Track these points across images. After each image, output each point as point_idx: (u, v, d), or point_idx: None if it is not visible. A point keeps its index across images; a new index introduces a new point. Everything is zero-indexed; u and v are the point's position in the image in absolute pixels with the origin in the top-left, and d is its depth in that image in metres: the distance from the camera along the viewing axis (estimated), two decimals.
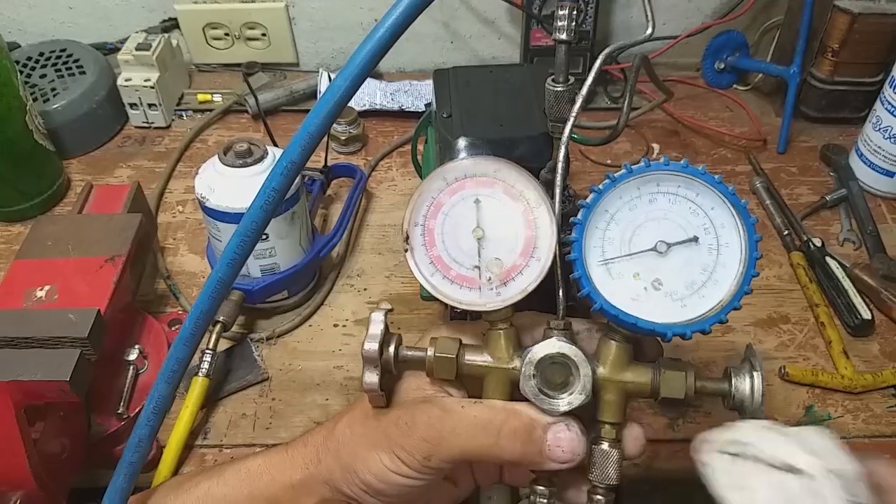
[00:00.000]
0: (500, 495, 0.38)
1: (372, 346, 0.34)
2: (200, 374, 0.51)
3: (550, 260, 0.33)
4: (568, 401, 0.32)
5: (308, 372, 0.56)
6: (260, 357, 0.56)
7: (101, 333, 0.45)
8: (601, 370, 0.34)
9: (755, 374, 0.33)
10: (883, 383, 0.54)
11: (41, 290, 0.49)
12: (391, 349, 0.35)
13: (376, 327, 0.34)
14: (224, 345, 0.57)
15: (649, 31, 0.37)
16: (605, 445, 0.34)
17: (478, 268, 0.34)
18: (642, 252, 0.33)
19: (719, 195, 0.32)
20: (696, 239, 0.33)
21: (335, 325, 0.60)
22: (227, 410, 0.54)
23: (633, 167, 0.33)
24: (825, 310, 0.59)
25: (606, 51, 0.36)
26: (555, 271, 0.34)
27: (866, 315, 0.58)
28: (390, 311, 0.36)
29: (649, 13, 0.37)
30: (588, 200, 0.33)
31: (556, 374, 0.33)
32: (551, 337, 0.33)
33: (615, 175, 0.33)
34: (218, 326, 0.53)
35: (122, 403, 0.50)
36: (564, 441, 0.32)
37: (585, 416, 0.34)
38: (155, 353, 0.54)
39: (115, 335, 0.51)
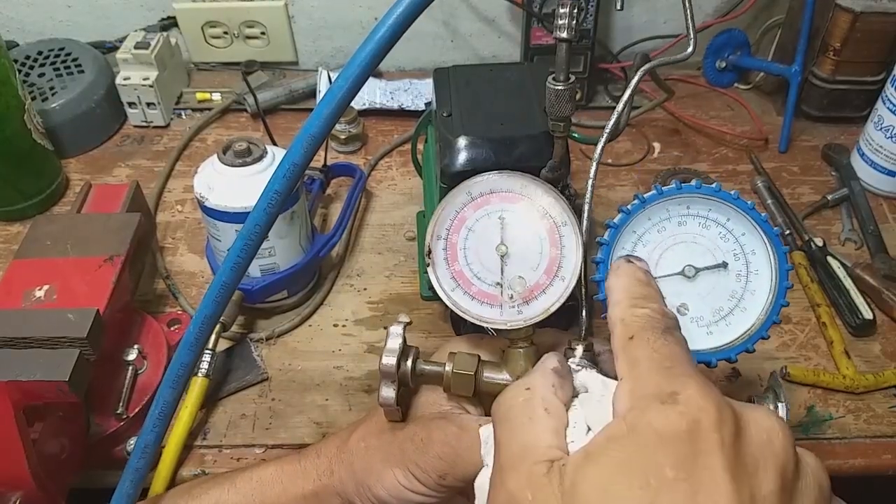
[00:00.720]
0: None
1: (390, 360, 0.33)
2: (200, 373, 0.51)
3: (575, 280, 0.32)
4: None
5: (308, 372, 0.56)
6: (259, 357, 0.56)
7: (99, 333, 0.45)
8: None
9: (780, 405, 0.32)
10: (884, 383, 0.54)
11: (40, 289, 0.49)
12: (409, 363, 0.34)
13: (394, 341, 0.34)
14: (224, 345, 0.57)
15: (690, 49, 0.36)
16: None
17: (500, 285, 0.33)
18: (669, 275, 0.32)
19: (751, 221, 0.32)
20: (725, 264, 0.32)
21: (335, 325, 0.59)
22: (227, 411, 0.53)
23: (663, 189, 0.32)
24: (827, 310, 0.59)
25: (646, 66, 0.35)
26: (579, 291, 0.33)
27: (868, 315, 0.57)
28: (409, 324, 0.35)
29: (692, 32, 0.36)
30: (616, 220, 0.32)
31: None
32: (572, 358, 0.32)
33: (645, 196, 0.32)
34: (217, 326, 0.53)
35: (121, 403, 0.50)
36: None
37: None
38: (154, 354, 0.53)
39: (113, 335, 0.51)
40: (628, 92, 0.35)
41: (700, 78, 0.83)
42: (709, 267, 0.32)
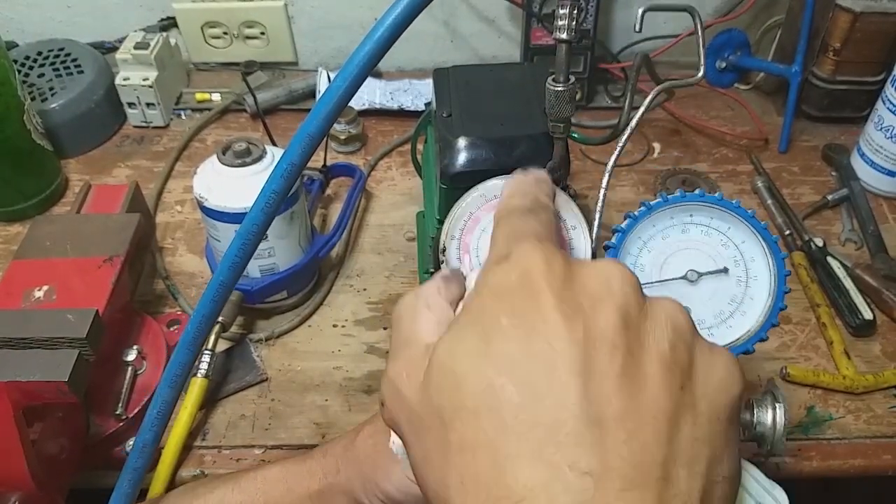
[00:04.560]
0: None
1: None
2: (199, 374, 0.51)
3: None
4: None
5: (307, 372, 0.56)
6: (259, 358, 0.56)
7: (99, 334, 0.45)
8: None
9: (778, 406, 0.33)
10: (884, 384, 0.54)
11: (39, 290, 0.49)
12: None
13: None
14: (223, 345, 0.57)
15: (700, 73, 0.38)
16: None
17: None
18: (673, 280, 0.33)
19: (751, 228, 0.33)
20: (725, 270, 0.33)
21: (334, 326, 0.59)
22: (226, 411, 0.53)
23: (668, 196, 0.34)
24: (826, 310, 0.59)
25: (659, 87, 0.36)
26: None
27: (868, 315, 0.57)
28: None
29: (702, 59, 0.38)
30: (623, 226, 0.34)
31: None
32: None
33: (651, 203, 0.34)
34: (217, 327, 0.53)
35: (120, 404, 0.50)
36: None
37: None
38: (153, 354, 0.53)
39: (113, 335, 0.51)
40: (641, 111, 0.36)
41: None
42: (710, 272, 0.33)
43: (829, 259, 0.62)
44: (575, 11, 0.34)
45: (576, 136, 0.67)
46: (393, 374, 0.24)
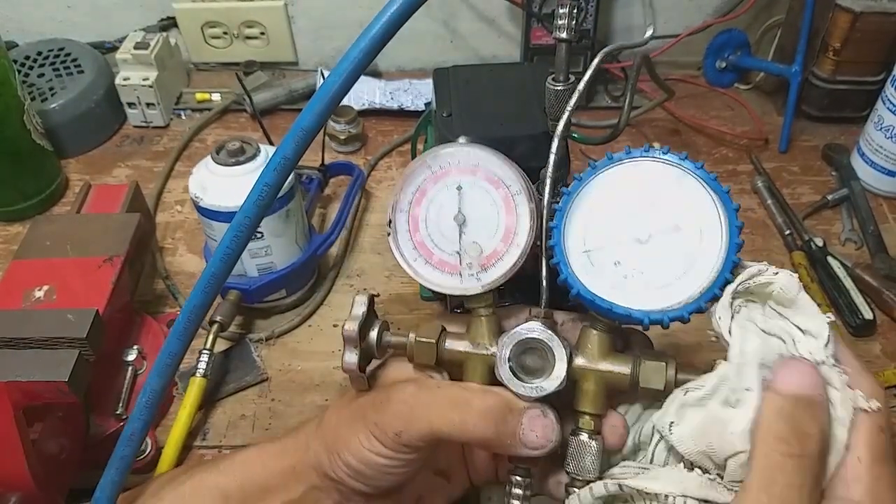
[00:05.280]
0: (499, 496, 0.38)
1: (352, 325, 0.34)
2: (198, 374, 0.51)
3: (530, 245, 0.33)
4: (541, 385, 0.32)
5: (307, 372, 0.56)
6: (259, 357, 0.56)
7: (99, 334, 0.45)
8: (580, 359, 0.33)
9: None
10: (885, 383, 0.54)
11: (39, 290, 0.49)
12: (374, 333, 0.35)
13: (358, 308, 0.35)
14: (223, 345, 0.57)
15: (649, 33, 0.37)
16: (583, 437, 0.33)
17: (458, 253, 0.34)
18: (623, 240, 0.33)
19: (701, 182, 0.32)
20: (677, 227, 0.32)
21: (335, 326, 0.59)
22: (226, 411, 0.53)
23: (613, 155, 0.33)
24: (827, 310, 0.59)
25: (606, 49, 0.36)
26: (539, 259, 0.34)
27: (868, 315, 0.57)
28: (376, 296, 0.36)
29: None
30: (569, 188, 0.33)
31: (531, 359, 0.33)
32: (530, 321, 0.33)
33: (596, 162, 0.33)
34: (215, 326, 0.53)
35: (120, 404, 0.50)
36: (538, 426, 0.32)
37: (565, 409, 0.34)
38: (154, 354, 0.53)
39: (113, 335, 0.51)
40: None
41: (700, 78, 0.83)
42: (662, 231, 0.32)
43: (830, 259, 0.62)
44: (575, 11, 0.34)
45: (575, 135, 0.67)
46: None
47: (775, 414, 0.28)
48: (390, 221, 0.35)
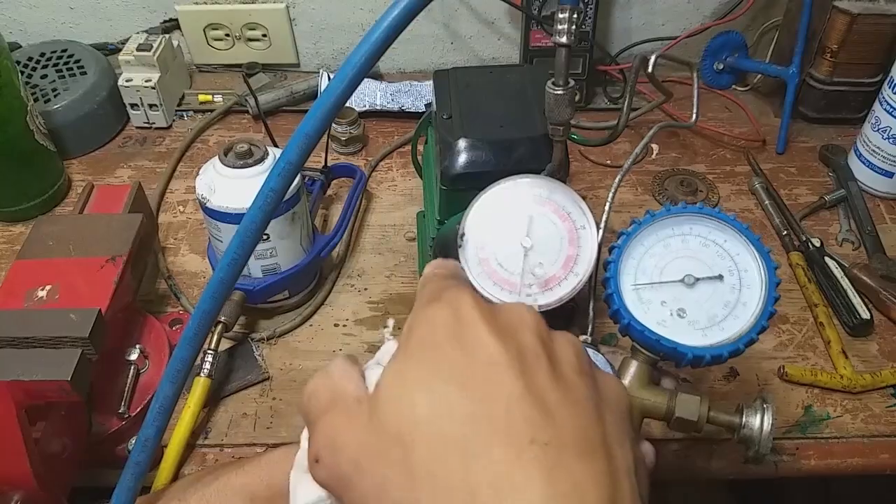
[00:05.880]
0: None
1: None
2: (202, 374, 0.52)
3: (588, 275, 0.37)
4: None
5: (309, 371, 0.56)
6: (261, 357, 0.57)
7: (101, 333, 0.45)
8: None
9: (766, 408, 0.36)
10: (882, 383, 0.54)
11: (42, 290, 0.49)
12: None
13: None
14: (225, 345, 0.57)
15: (693, 118, 0.47)
16: None
17: (520, 274, 0.38)
18: (672, 282, 0.36)
19: (745, 240, 0.36)
20: (721, 277, 0.36)
21: (336, 325, 0.60)
22: (228, 410, 0.54)
23: (671, 207, 0.37)
24: (824, 310, 0.59)
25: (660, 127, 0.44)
26: (590, 289, 0.38)
27: (865, 315, 0.58)
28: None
29: (696, 106, 0.47)
30: (628, 230, 0.37)
31: None
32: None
33: (655, 212, 0.37)
34: (219, 327, 0.54)
35: (123, 403, 0.50)
36: None
37: None
38: (156, 353, 0.54)
39: (115, 335, 0.52)
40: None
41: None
42: (707, 277, 0.36)
43: (827, 259, 0.62)
44: (575, 16, 0.34)
45: (575, 137, 0.67)
46: (326, 431, 0.26)
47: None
48: (463, 234, 0.38)
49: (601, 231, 0.38)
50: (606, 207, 0.40)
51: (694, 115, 0.49)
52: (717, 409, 0.36)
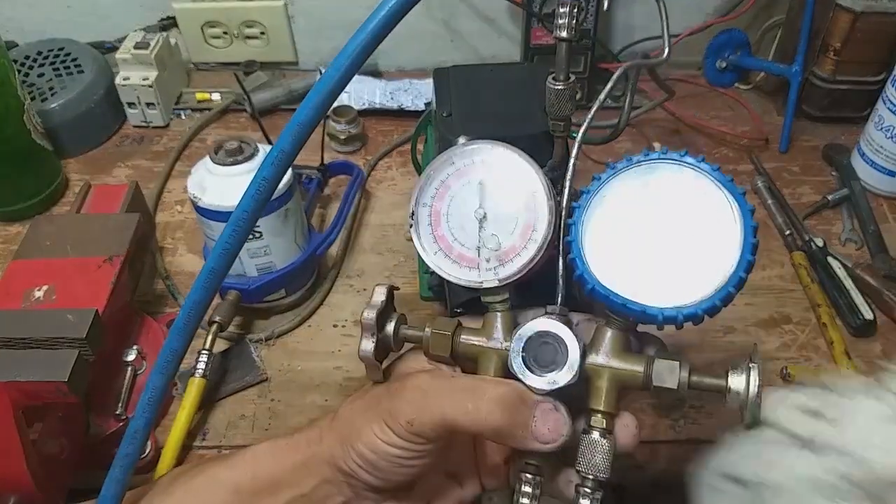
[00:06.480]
0: (501, 498, 0.38)
1: (370, 313, 0.35)
2: (197, 374, 0.51)
3: (548, 241, 0.34)
4: (554, 378, 0.32)
5: (307, 372, 0.56)
6: (259, 357, 0.56)
7: (99, 334, 0.45)
8: (593, 356, 0.34)
9: (752, 368, 0.33)
10: None
11: (39, 290, 0.49)
12: (392, 325, 0.36)
13: (378, 297, 0.36)
14: (222, 345, 0.57)
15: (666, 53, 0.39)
16: (595, 435, 0.33)
17: (477, 247, 0.35)
18: (639, 238, 0.33)
19: (717, 184, 0.33)
20: (692, 227, 0.33)
21: (334, 326, 0.59)
22: (226, 411, 0.53)
23: (632, 157, 0.34)
24: (827, 310, 0.59)
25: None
26: (556, 258, 0.34)
27: (868, 315, 0.57)
28: (397, 288, 0.36)
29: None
30: (589, 187, 0.34)
31: (544, 352, 0.33)
32: (545, 315, 0.34)
33: (616, 164, 0.34)
34: (214, 327, 0.53)
35: (120, 404, 0.50)
36: (550, 420, 0.32)
37: (577, 407, 0.34)
38: (153, 354, 0.53)
39: (113, 336, 0.51)
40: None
41: (700, 78, 0.83)
42: (678, 229, 0.33)
43: (830, 259, 0.62)
44: (575, 10, 0.34)
45: (576, 135, 0.67)
46: None
47: None
48: (413, 214, 0.36)
49: (566, 191, 0.35)
50: (572, 162, 0.35)
51: (666, 50, 0.43)
52: (699, 374, 0.33)
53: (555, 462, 0.35)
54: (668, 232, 0.33)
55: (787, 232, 0.66)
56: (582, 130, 0.36)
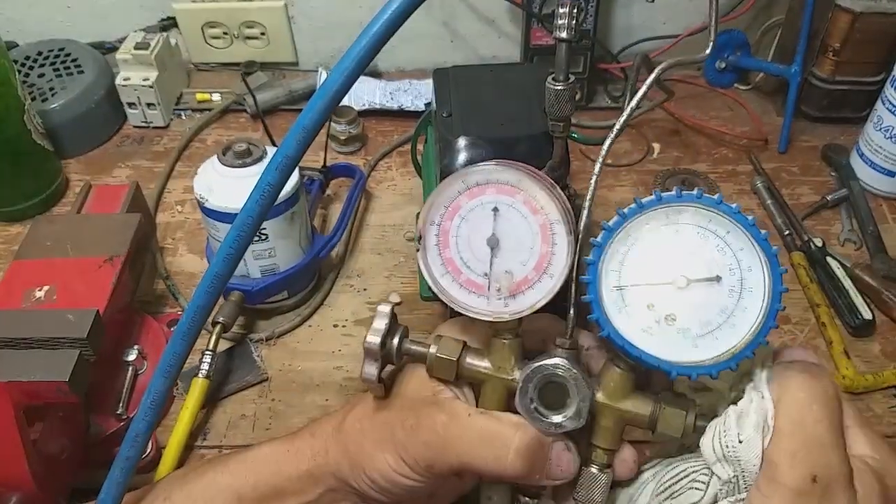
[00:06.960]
0: (500, 496, 0.38)
1: (374, 339, 0.34)
2: (200, 375, 0.51)
3: (564, 278, 0.33)
4: (561, 423, 0.32)
5: (308, 372, 0.56)
6: (259, 357, 0.56)
7: (99, 334, 0.45)
8: (601, 395, 0.33)
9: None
10: (884, 383, 0.54)
11: (40, 290, 0.49)
12: (395, 340, 0.35)
13: (381, 321, 0.34)
14: (224, 345, 0.57)
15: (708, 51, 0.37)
16: (594, 469, 0.34)
17: (487, 276, 0.33)
18: (660, 283, 0.31)
19: (749, 237, 0.30)
20: (718, 278, 0.31)
21: (335, 326, 0.59)
22: (227, 411, 0.53)
23: (662, 195, 0.31)
24: (826, 310, 0.59)
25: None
26: (569, 290, 0.33)
27: (867, 315, 0.57)
28: (399, 304, 0.36)
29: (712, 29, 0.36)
30: (611, 223, 0.32)
31: (553, 394, 0.32)
32: (555, 356, 0.33)
33: (643, 200, 0.31)
34: (218, 328, 0.53)
35: (121, 404, 0.50)
36: (564, 461, 0.33)
37: (579, 435, 0.34)
38: (154, 354, 0.53)
39: (113, 336, 0.51)
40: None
41: (700, 78, 0.83)
42: (702, 279, 0.31)
43: (829, 259, 0.62)
44: (575, 10, 0.34)
45: (575, 136, 0.67)
46: None
47: (794, 381, 0.30)
48: (420, 237, 0.34)
49: (582, 224, 0.32)
50: (591, 185, 0.33)
51: (710, 46, 0.39)
52: (704, 419, 0.32)
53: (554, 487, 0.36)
54: (691, 280, 0.31)
55: (787, 232, 0.66)
56: (602, 156, 0.33)
